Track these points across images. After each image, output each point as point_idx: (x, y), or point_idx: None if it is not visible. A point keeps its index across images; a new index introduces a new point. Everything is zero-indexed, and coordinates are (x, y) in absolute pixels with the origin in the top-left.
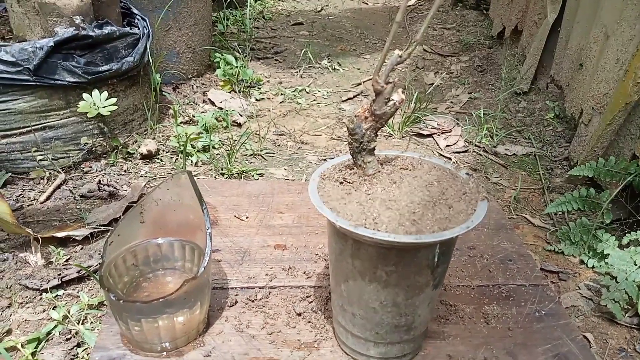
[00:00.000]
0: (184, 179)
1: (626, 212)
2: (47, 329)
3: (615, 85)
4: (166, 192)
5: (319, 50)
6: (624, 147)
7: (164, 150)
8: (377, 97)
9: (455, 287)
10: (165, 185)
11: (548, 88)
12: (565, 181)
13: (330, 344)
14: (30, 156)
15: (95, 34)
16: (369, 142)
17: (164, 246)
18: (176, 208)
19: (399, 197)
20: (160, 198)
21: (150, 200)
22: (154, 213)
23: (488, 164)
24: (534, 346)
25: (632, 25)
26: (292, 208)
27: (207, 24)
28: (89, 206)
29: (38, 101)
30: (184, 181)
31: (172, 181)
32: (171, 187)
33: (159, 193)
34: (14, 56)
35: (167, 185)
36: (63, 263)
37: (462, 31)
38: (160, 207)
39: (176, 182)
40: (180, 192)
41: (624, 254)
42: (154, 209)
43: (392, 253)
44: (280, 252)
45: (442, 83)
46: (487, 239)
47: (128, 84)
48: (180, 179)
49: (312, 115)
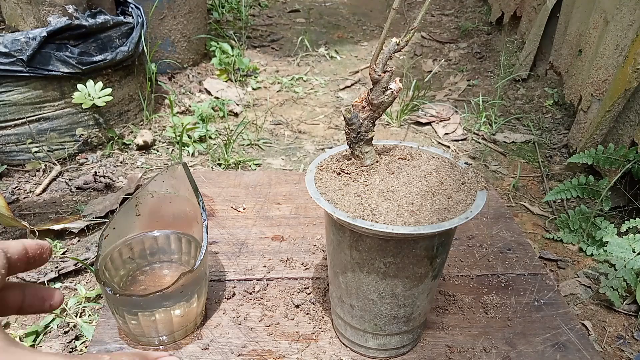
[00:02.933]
0: (180, 170)
1: (625, 200)
2: (45, 322)
3: (614, 72)
4: (161, 184)
5: (316, 37)
6: (623, 134)
7: (160, 140)
8: (374, 85)
9: (454, 277)
10: (160, 177)
11: (547, 75)
12: (564, 169)
13: (328, 335)
14: (25, 148)
15: (89, 23)
16: (367, 132)
17: (160, 239)
18: (172, 200)
19: (397, 187)
20: (156, 190)
21: (146, 192)
22: (150, 205)
23: (487, 151)
24: (533, 335)
25: (631, 11)
26: (290, 199)
27: (202, 12)
28: (85, 198)
29: (32, 92)
30: (179, 173)
31: (168, 173)
32: (166, 179)
33: (155, 185)
34: (6, 47)
35: (162, 177)
36: (60, 256)
37: (460, 17)
38: (156, 199)
39: (171, 174)
40: (176, 184)
41: (622, 242)
42: (149, 201)
43: (391, 244)
44: (277, 244)
45: (440, 70)
46: (486, 228)
47: (123, 74)
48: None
49: (309, 104)
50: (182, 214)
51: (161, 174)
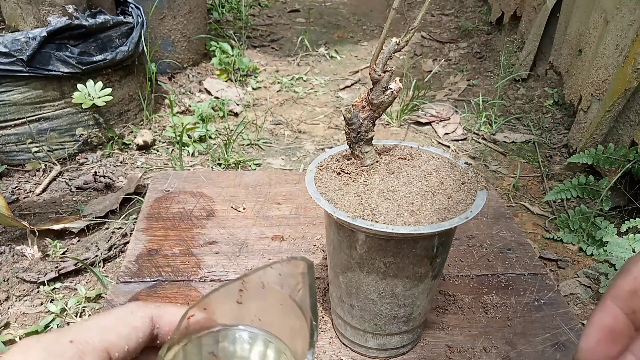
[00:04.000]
0: (302, 267)
1: (625, 200)
2: (45, 322)
3: (614, 72)
4: (277, 276)
5: (316, 37)
6: (623, 133)
7: (160, 140)
8: (374, 85)
9: (454, 277)
10: (279, 267)
11: (547, 74)
12: (564, 168)
13: (328, 335)
14: (25, 148)
15: (89, 23)
16: (367, 132)
17: (257, 342)
18: (283, 300)
19: (397, 187)
20: (269, 282)
21: (257, 279)
22: (254, 296)
23: (487, 151)
24: (533, 335)
25: (631, 11)
26: (290, 199)
27: (202, 12)
28: (85, 198)
29: (32, 92)
30: (300, 270)
31: (289, 265)
32: (284, 273)
33: (270, 275)
34: (6, 47)
35: (281, 269)
36: (60, 256)
37: (460, 17)
38: (267, 291)
39: (292, 268)
40: (291, 282)
41: (622, 242)
42: (258, 291)
43: (391, 244)
44: (277, 244)
45: (440, 70)
46: (486, 227)
47: (123, 74)
48: (298, 267)
49: (309, 103)
50: (288, 320)
51: (280, 264)
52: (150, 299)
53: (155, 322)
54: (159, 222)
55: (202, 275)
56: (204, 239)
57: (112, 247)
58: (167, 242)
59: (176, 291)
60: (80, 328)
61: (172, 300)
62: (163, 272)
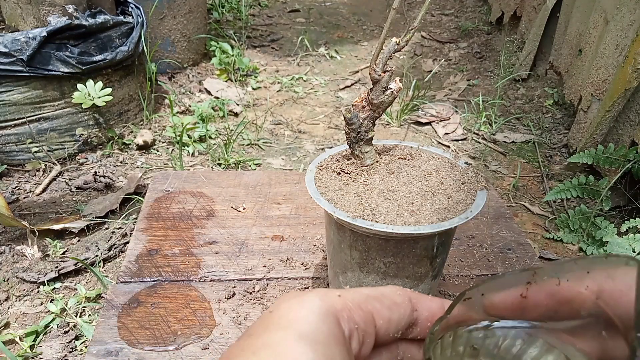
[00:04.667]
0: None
1: (625, 199)
2: (45, 322)
3: (614, 71)
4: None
5: (316, 37)
6: (623, 133)
7: (160, 140)
8: (374, 85)
9: (454, 276)
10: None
11: (547, 74)
12: (564, 168)
13: None
14: (25, 148)
15: (89, 23)
16: (367, 132)
17: (534, 344)
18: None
19: (397, 187)
20: (568, 278)
21: (552, 273)
22: (548, 289)
23: (487, 151)
24: None
25: (631, 10)
26: (290, 199)
27: (202, 12)
28: (85, 198)
29: (32, 92)
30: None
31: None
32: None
33: (570, 269)
34: (6, 47)
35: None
36: (60, 256)
37: (460, 17)
38: (562, 286)
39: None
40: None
41: (622, 241)
42: (551, 283)
43: (391, 244)
44: (277, 244)
45: (440, 70)
46: (486, 227)
47: (123, 74)
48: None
49: (309, 103)
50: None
51: (585, 261)
52: (150, 299)
53: (414, 305)
54: (159, 222)
55: (202, 275)
56: (204, 239)
57: (112, 247)
58: (167, 242)
59: (176, 291)
60: (347, 290)
61: (172, 300)
62: (163, 272)
